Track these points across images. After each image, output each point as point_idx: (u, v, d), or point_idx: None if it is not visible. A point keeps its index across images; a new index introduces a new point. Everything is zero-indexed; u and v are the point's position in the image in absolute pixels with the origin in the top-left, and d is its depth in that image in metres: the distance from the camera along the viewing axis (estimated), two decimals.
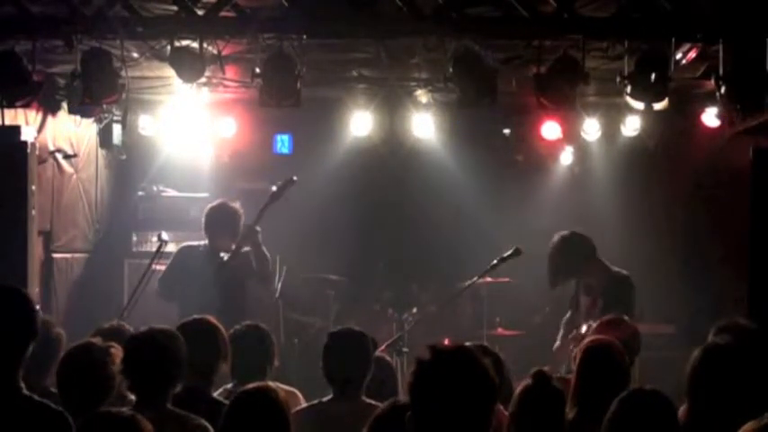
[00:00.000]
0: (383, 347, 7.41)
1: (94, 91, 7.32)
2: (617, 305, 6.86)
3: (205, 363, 5.26)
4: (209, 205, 8.39)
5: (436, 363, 3.22)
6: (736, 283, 9.47)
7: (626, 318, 6.22)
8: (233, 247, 8.16)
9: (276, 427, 4.26)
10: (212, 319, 5.52)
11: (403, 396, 5.40)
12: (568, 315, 7.74)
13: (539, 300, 10.42)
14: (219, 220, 8.21)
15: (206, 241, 8.29)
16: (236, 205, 8.27)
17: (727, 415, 4.22)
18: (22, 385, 4.23)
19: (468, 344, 3.72)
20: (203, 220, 8.30)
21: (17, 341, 4.24)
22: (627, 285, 7.43)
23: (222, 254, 8.23)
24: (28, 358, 4.27)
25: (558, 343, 7.62)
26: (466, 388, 3.18)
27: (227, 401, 4.64)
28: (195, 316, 5.60)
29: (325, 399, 5.34)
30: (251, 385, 4.50)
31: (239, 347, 5.68)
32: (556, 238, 7.68)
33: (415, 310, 9.78)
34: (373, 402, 5.04)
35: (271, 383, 4.55)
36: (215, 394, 5.42)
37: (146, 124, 9.89)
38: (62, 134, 9.33)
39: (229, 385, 5.68)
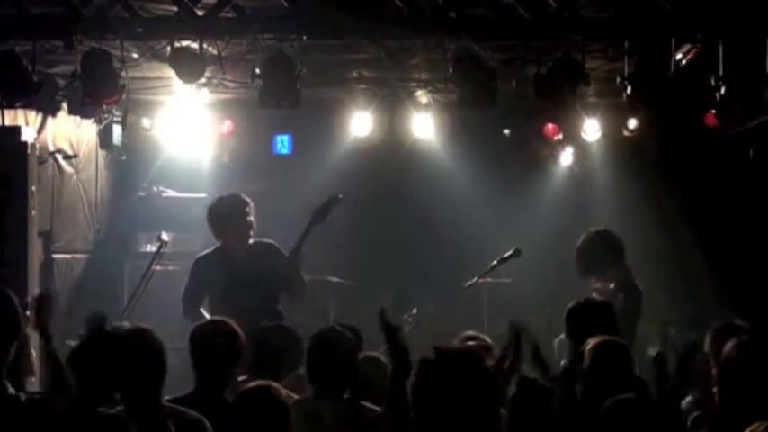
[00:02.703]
0: (383, 348, 7.39)
1: (94, 91, 7.33)
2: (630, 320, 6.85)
3: (220, 365, 5.25)
4: (211, 201, 7.87)
5: (440, 364, 3.23)
6: (735, 282, 9.51)
7: None
8: (248, 244, 7.66)
9: (278, 425, 4.27)
10: (230, 322, 5.50)
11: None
12: None
13: (539, 300, 10.41)
14: (227, 214, 7.66)
15: (216, 245, 7.78)
16: (245, 197, 7.72)
17: None
18: (8, 384, 4.25)
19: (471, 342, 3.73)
20: (208, 218, 7.74)
21: (0, 341, 4.27)
22: (638, 296, 7.40)
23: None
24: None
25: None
26: (469, 390, 3.18)
27: None
28: (214, 318, 5.58)
29: (307, 395, 5.35)
30: (253, 383, 4.52)
31: (266, 345, 5.71)
32: (589, 231, 7.62)
33: (414, 310, 9.77)
34: (361, 403, 5.04)
35: (273, 383, 4.55)
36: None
37: (146, 125, 9.90)
38: (62, 135, 9.33)
39: (242, 377, 5.68)
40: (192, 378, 5.34)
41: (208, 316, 7.29)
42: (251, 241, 7.71)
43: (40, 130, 8.81)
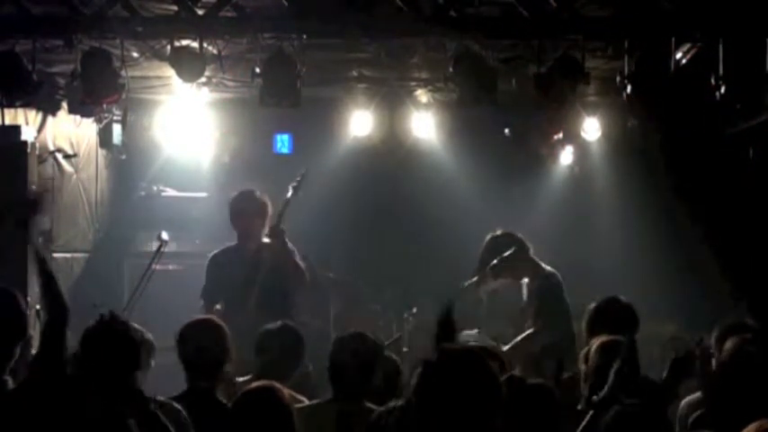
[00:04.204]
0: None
1: (94, 91, 7.34)
2: (553, 305, 6.94)
3: (211, 364, 5.26)
4: (232, 197, 7.88)
5: (442, 364, 3.21)
6: (736, 281, 9.51)
7: None
8: (258, 242, 7.70)
9: (281, 426, 4.26)
10: (216, 320, 5.51)
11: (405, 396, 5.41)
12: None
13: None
14: (233, 210, 7.77)
15: (231, 242, 7.85)
16: (261, 194, 7.80)
17: None
18: (9, 380, 4.29)
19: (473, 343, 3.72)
20: (229, 212, 7.80)
21: (5, 340, 4.29)
22: (558, 284, 7.52)
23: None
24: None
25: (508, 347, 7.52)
26: (472, 390, 3.17)
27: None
28: (200, 316, 5.60)
29: (323, 399, 5.36)
30: (255, 384, 4.52)
31: (270, 346, 5.72)
32: (487, 237, 7.78)
33: (415, 309, 9.78)
34: (372, 406, 5.04)
35: (276, 384, 4.55)
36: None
37: (146, 124, 9.89)
38: (62, 134, 9.33)
39: (242, 379, 5.69)
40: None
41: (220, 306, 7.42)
42: (266, 240, 7.70)
43: (40, 129, 8.81)
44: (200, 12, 7.09)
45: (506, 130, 10.47)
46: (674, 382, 4.89)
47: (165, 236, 8.18)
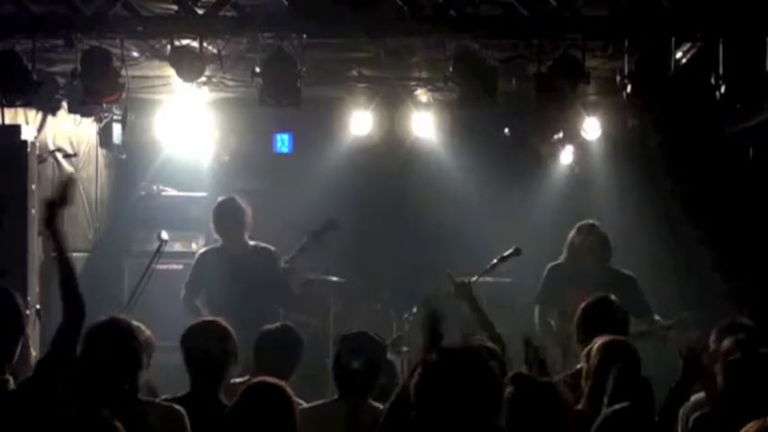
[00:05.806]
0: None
1: (94, 90, 7.34)
2: None
3: (214, 366, 5.26)
4: (219, 203, 8.46)
5: (442, 364, 3.21)
6: (735, 281, 9.51)
7: None
8: (245, 243, 8.25)
9: (282, 421, 4.26)
10: (222, 321, 5.52)
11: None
12: None
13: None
14: (224, 216, 8.30)
15: (220, 242, 8.38)
16: (241, 201, 8.34)
17: None
18: (10, 379, 4.31)
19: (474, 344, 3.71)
20: (211, 218, 8.40)
21: (4, 339, 4.31)
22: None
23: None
24: None
25: None
26: (472, 389, 3.17)
27: None
28: (206, 318, 5.61)
29: (329, 399, 5.36)
30: (256, 379, 4.52)
31: (269, 347, 5.74)
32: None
33: (415, 309, 9.77)
34: (378, 405, 5.05)
35: (274, 380, 4.55)
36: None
37: (146, 123, 9.89)
38: (62, 133, 9.33)
39: (239, 379, 5.69)
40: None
41: (198, 305, 8.06)
42: (252, 243, 8.27)
43: (40, 128, 8.81)
44: (201, 11, 7.09)
45: (506, 130, 10.46)
46: (686, 386, 4.88)
47: (164, 235, 8.19)
